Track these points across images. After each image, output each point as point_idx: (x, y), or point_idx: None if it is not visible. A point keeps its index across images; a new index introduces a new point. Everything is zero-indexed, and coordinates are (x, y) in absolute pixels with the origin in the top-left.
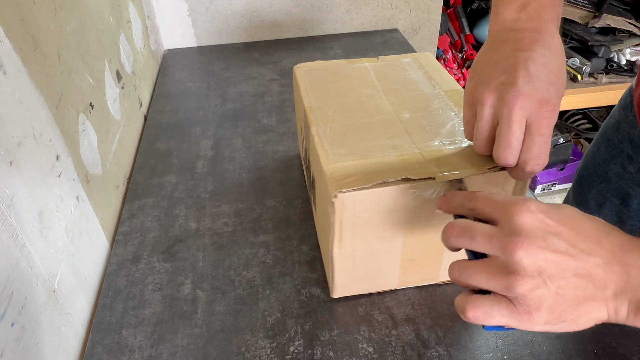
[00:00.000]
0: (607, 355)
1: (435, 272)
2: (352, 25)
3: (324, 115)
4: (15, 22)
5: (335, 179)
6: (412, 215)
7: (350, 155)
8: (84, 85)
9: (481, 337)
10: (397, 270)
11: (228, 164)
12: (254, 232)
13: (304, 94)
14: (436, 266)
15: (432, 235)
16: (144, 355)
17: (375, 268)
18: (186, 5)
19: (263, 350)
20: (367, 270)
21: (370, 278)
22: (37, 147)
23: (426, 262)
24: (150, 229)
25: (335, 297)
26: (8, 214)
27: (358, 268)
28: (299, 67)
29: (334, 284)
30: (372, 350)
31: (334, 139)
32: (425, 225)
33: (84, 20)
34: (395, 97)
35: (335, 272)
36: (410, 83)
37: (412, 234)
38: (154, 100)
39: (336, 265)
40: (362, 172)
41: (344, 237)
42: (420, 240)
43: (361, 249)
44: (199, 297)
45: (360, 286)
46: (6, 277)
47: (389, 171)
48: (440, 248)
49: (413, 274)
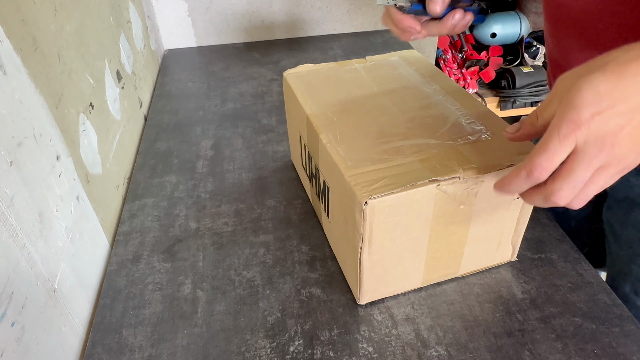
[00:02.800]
0: (607, 355)
1: (456, 266)
2: (352, 25)
3: (330, 121)
4: (15, 22)
5: (362, 186)
6: (437, 213)
7: (368, 160)
8: (84, 85)
9: (481, 337)
10: (421, 269)
11: (228, 164)
12: (254, 232)
13: (302, 101)
14: (457, 260)
15: (454, 230)
16: (144, 355)
17: (401, 270)
18: (186, 5)
19: (263, 350)
20: (394, 273)
21: (397, 280)
22: (37, 147)
23: (449, 257)
24: (150, 229)
25: (362, 303)
26: (8, 214)
27: (386, 272)
28: (289, 73)
29: (362, 290)
30: (372, 350)
31: (347, 144)
32: (449, 222)
33: (84, 20)
34: (394, 96)
35: (364, 278)
36: (404, 81)
37: (436, 231)
38: (154, 100)
39: (365, 272)
40: (387, 176)
41: (373, 242)
42: (444, 237)
43: (390, 252)
44: (199, 297)
45: (386, 289)
46: (6, 277)
47: (413, 172)
48: (462, 241)
49: (436, 270)
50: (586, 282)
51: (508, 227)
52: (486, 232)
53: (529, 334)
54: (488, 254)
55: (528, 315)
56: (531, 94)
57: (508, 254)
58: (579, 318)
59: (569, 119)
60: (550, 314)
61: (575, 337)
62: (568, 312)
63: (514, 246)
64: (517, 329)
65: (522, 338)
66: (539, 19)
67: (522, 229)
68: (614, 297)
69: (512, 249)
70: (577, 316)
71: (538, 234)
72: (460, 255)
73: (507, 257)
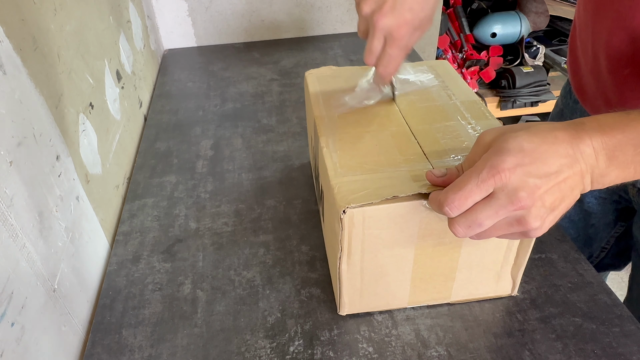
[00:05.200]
0: (607, 355)
1: (447, 291)
2: (352, 25)
3: (334, 125)
4: (15, 22)
5: (344, 194)
6: (423, 232)
7: (359, 169)
8: (84, 85)
9: (481, 337)
10: (407, 288)
11: (228, 164)
12: (254, 232)
13: (314, 102)
14: (449, 285)
15: (444, 252)
16: (144, 355)
17: (384, 286)
18: (186, 5)
19: (263, 350)
20: (376, 288)
21: (380, 296)
22: (37, 147)
23: (438, 280)
24: (150, 229)
25: (343, 314)
26: (8, 214)
27: (367, 285)
28: (311, 74)
29: (342, 301)
30: (372, 350)
31: (344, 150)
32: (438, 243)
33: (84, 20)
34: (409, 108)
35: (343, 289)
36: (425, 93)
37: (423, 251)
38: (154, 100)
39: (344, 283)
40: (371, 186)
41: (352, 253)
42: (432, 258)
43: (370, 266)
44: (199, 297)
45: (369, 304)
46: (6, 277)
47: (400, 186)
48: (453, 266)
49: (424, 292)
50: (586, 282)
51: (507, 258)
52: (480, 259)
53: (529, 334)
54: (485, 283)
55: (528, 315)
56: (531, 93)
57: (508, 288)
58: (579, 318)
59: (491, 165)
60: (551, 314)
61: (576, 337)
62: (568, 312)
63: (514, 279)
64: (517, 329)
65: (522, 338)
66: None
67: (522, 262)
68: (614, 297)
69: (513, 283)
70: (577, 316)
71: None
72: (451, 280)
73: (507, 290)
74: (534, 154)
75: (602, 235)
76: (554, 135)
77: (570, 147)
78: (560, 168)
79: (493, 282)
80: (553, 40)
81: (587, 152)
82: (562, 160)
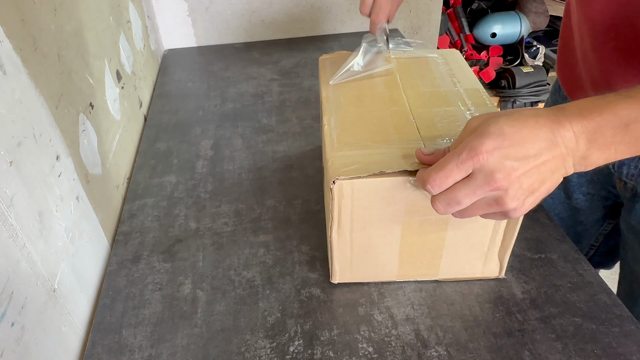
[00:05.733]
0: (607, 355)
1: (435, 267)
2: (352, 25)
3: (338, 104)
4: (15, 22)
5: (337, 166)
6: (410, 207)
7: (355, 145)
8: (84, 85)
9: (481, 337)
10: (395, 262)
11: (228, 164)
12: (254, 232)
13: (323, 84)
14: (436, 262)
15: (430, 229)
16: (144, 355)
17: (373, 258)
18: (186, 5)
19: (263, 350)
20: (365, 259)
21: (369, 267)
22: (37, 147)
23: (425, 257)
24: (150, 229)
25: (335, 282)
26: (8, 214)
27: (356, 256)
28: (323, 58)
29: (333, 269)
30: (372, 350)
31: (343, 128)
32: (424, 220)
33: (84, 20)
34: (413, 91)
35: (334, 257)
36: (431, 79)
37: (410, 227)
38: (154, 100)
39: (335, 251)
40: (363, 161)
41: (342, 224)
42: (419, 234)
43: (359, 238)
44: (199, 297)
45: (359, 274)
46: (6, 277)
47: (389, 162)
48: (439, 244)
49: (412, 267)
50: (586, 282)
51: (493, 240)
52: (467, 239)
53: (529, 334)
54: (472, 264)
55: (528, 315)
56: (531, 93)
57: (496, 270)
58: (579, 318)
59: (471, 147)
60: (550, 314)
61: (575, 337)
62: (568, 312)
63: (501, 262)
64: (517, 329)
65: (522, 338)
66: (539, 19)
67: (508, 244)
68: (614, 297)
69: (500, 265)
70: (577, 316)
71: (538, 234)
72: (438, 257)
73: (494, 272)
74: (514, 137)
75: (590, 232)
76: (535, 120)
77: (550, 131)
78: (539, 151)
79: (480, 263)
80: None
81: (567, 136)
82: (541, 144)
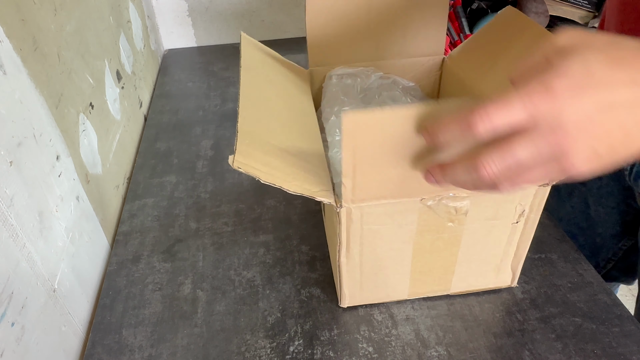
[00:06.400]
0: (607, 355)
1: (447, 283)
2: None
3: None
4: (15, 22)
5: None
6: (422, 228)
7: None
8: (84, 85)
9: (481, 337)
10: (406, 281)
11: (228, 164)
12: (254, 232)
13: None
14: (448, 278)
15: (443, 247)
16: (144, 355)
17: (384, 279)
18: (186, 5)
19: (263, 350)
20: (376, 281)
21: (380, 288)
22: (37, 147)
23: (437, 273)
24: (150, 229)
25: (344, 306)
26: (8, 214)
27: (366, 278)
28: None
29: (342, 293)
30: (372, 350)
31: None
32: (436, 238)
33: (84, 20)
34: None
35: (343, 281)
36: None
37: (421, 246)
38: (154, 100)
39: (344, 275)
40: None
41: (351, 247)
42: (430, 253)
43: (369, 260)
44: (199, 297)
45: (369, 296)
46: (6, 277)
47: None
48: (452, 260)
49: (424, 285)
50: (586, 282)
51: (507, 251)
52: (480, 254)
53: (529, 334)
54: (485, 275)
55: (528, 315)
56: None
57: (508, 280)
58: (579, 318)
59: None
60: (550, 314)
61: (575, 337)
62: (568, 312)
63: (514, 271)
64: (517, 329)
65: (522, 338)
66: (539, 19)
67: (522, 254)
68: (614, 297)
69: (512, 275)
70: (577, 316)
71: (538, 234)
72: (450, 273)
73: (506, 282)
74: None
75: (608, 245)
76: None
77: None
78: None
79: (493, 274)
80: None
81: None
82: None
